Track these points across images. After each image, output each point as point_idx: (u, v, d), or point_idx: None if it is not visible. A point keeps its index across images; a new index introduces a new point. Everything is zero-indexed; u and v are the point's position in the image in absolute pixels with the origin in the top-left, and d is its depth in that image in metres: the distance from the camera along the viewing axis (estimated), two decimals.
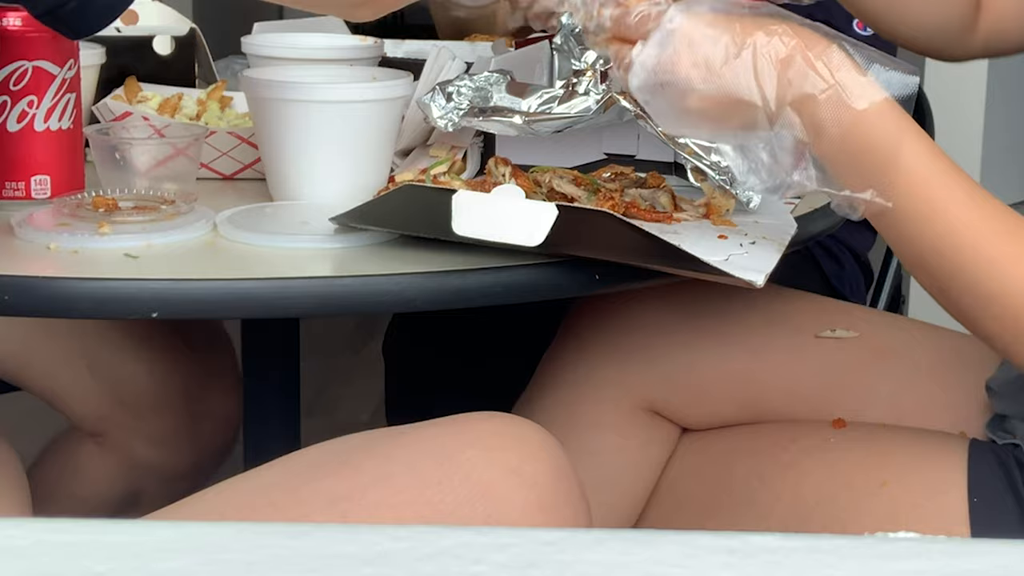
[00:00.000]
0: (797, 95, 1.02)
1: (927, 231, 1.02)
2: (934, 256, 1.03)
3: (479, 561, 0.51)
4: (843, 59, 1.02)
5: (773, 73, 1.02)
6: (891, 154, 1.01)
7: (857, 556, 0.53)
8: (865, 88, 1.01)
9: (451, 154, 1.35)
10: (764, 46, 1.02)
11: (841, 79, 1.01)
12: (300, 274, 1.11)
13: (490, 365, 1.87)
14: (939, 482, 1.19)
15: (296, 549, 0.52)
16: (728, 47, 1.03)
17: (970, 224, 1.02)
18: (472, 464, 0.97)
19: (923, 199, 1.02)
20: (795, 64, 1.02)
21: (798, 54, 1.02)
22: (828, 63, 1.02)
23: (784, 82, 1.02)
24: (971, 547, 0.54)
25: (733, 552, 0.52)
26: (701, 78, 1.04)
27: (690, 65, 1.04)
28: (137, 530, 0.54)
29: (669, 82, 1.05)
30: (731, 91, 1.03)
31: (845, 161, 1.03)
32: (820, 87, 1.01)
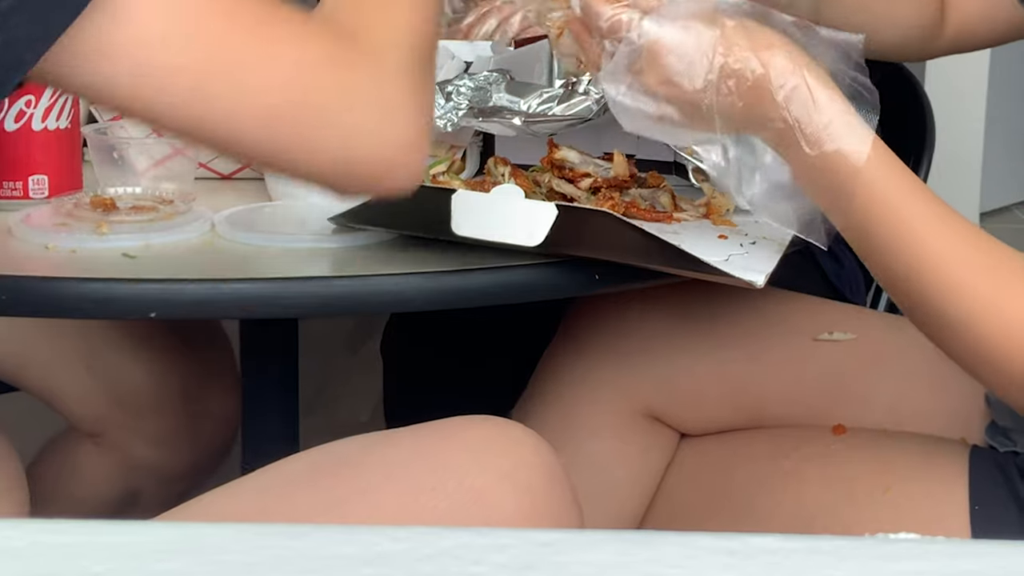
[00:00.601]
0: (755, 131, 1.04)
1: (891, 258, 1.04)
2: (900, 281, 1.05)
3: (478, 562, 0.52)
4: (805, 93, 1.02)
5: (736, 105, 1.02)
6: (844, 191, 1.02)
7: (857, 557, 0.53)
8: (820, 132, 1.01)
9: (450, 154, 1.35)
10: (730, 74, 1.02)
11: (799, 119, 1.02)
12: (299, 274, 1.11)
13: (489, 365, 1.87)
14: (940, 490, 1.19)
15: (296, 550, 0.52)
16: (695, 67, 1.03)
17: (937, 251, 1.03)
18: (465, 470, 0.96)
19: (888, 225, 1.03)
20: (759, 102, 1.02)
21: (763, 87, 1.02)
22: (789, 100, 1.02)
23: (744, 118, 1.03)
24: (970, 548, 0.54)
25: (733, 553, 0.52)
26: (666, 96, 1.04)
27: (656, 82, 1.04)
28: (135, 531, 0.54)
29: (634, 88, 1.05)
30: (692, 113, 1.04)
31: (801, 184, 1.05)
32: (778, 127, 1.02)
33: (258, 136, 0.90)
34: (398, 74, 0.93)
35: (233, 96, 0.88)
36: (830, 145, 1.01)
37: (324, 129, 0.91)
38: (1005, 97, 3.73)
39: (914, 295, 1.05)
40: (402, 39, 0.95)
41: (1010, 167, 3.89)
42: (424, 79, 0.96)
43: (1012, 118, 3.83)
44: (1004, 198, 3.98)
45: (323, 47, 0.91)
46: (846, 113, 1.02)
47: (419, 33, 0.96)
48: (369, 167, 0.93)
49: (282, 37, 0.90)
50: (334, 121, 0.91)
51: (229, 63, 0.88)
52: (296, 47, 0.90)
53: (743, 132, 1.04)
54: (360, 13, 0.95)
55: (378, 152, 0.92)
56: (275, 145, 0.91)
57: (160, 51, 0.85)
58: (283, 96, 0.89)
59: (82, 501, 1.58)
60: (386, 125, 0.92)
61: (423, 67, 0.96)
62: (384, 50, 0.94)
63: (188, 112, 0.88)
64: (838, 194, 1.02)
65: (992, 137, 3.67)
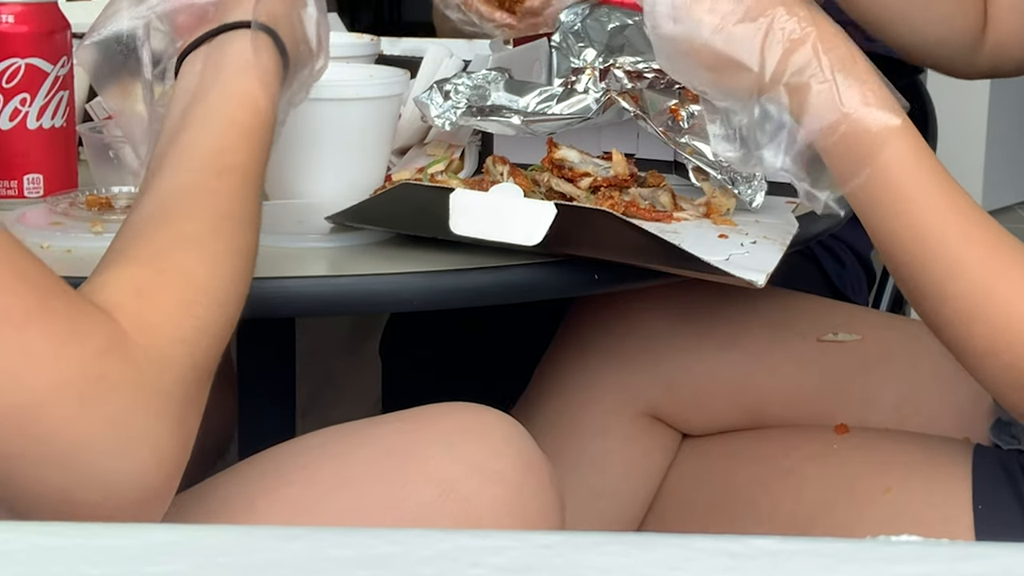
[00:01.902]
0: (794, 78, 1.04)
1: (897, 228, 1.03)
2: (902, 252, 1.04)
3: (477, 564, 0.51)
4: (851, 62, 1.04)
5: (779, 49, 1.04)
6: (867, 155, 1.02)
7: (858, 559, 0.52)
8: (856, 95, 1.03)
9: (448, 152, 1.34)
10: (781, 21, 1.05)
11: (839, 79, 1.03)
12: (296, 273, 1.10)
13: (488, 365, 1.87)
14: (943, 489, 1.19)
15: (291, 552, 0.52)
16: (748, 7, 1.05)
17: (942, 226, 1.02)
18: (435, 462, 0.96)
19: (898, 198, 1.03)
20: (803, 49, 1.04)
21: (809, 41, 1.04)
22: (833, 59, 1.03)
23: (787, 62, 1.04)
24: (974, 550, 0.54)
25: (733, 555, 0.52)
26: (712, 26, 1.06)
27: (706, 10, 1.06)
28: (130, 533, 0.53)
29: (681, 18, 1.07)
30: (735, 50, 1.06)
31: (822, 152, 1.05)
32: (819, 79, 1.03)
33: None
34: (169, 406, 0.81)
35: None
36: (869, 104, 1.03)
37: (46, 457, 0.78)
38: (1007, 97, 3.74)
39: (913, 266, 1.04)
40: (193, 347, 0.84)
41: (1012, 167, 3.89)
42: (200, 406, 0.85)
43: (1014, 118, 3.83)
44: (1006, 198, 3.98)
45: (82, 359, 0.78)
46: (884, 85, 1.05)
47: (216, 338, 0.86)
48: (89, 509, 0.80)
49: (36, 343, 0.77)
50: (61, 451, 0.78)
51: None
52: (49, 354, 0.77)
53: (777, 82, 1.05)
54: (155, 306, 0.83)
55: (106, 498, 0.79)
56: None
57: None
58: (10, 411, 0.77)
59: None
60: (126, 471, 0.79)
61: (205, 388, 0.86)
62: (168, 372, 0.82)
63: None
64: (858, 159, 1.03)
65: (994, 137, 3.67)
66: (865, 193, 1.04)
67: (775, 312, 1.37)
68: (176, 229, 0.88)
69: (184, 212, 0.90)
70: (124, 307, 0.82)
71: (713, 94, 1.10)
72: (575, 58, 1.34)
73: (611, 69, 1.31)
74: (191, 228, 0.89)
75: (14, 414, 0.77)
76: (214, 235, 0.89)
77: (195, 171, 0.93)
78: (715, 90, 1.10)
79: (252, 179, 0.94)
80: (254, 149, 0.96)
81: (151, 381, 0.80)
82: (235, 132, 0.95)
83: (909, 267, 1.04)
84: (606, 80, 1.30)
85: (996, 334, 1.02)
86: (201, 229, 0.89)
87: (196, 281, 0.86)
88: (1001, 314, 1.02)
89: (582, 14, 1.37)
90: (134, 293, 0.83)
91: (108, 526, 0.54)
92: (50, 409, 0.77)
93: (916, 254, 1.03)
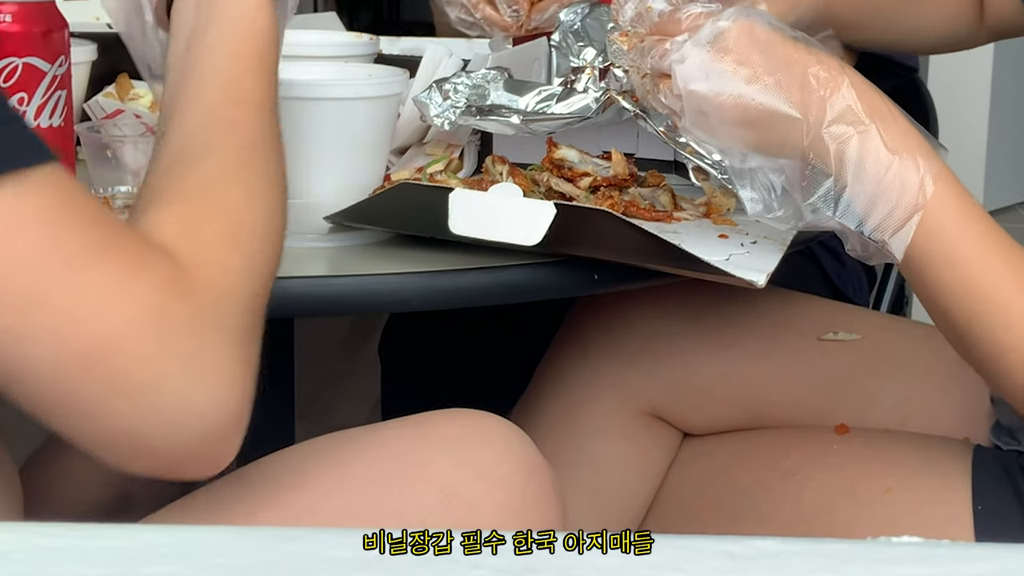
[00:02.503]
0: (835, 123, 1.02)
1: (946, 275, 1.02)
2: (952, 301, 1.02)
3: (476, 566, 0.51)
4: (885, 108, 1.03)
5: (816, 97, 1.02)
6: (911, 200, 1.01)
7: (859, 560, 0.53)
8: (900, 137, 1.02)
9: (448, 152, 1.34)
10: (816, 67, 1.02)
11: (879, 124, 1.02)
12: (295, 273, 1.10)
13: (489, 366, 1.87)
14: (943, 489, 1.19)
15: (289, 553, 0.52)
16: (780, 57, 1.03)
17: (992, 270, 1.01)
18: (437, 467, 0.95)
19: (946, 243, 1.01)
20: (838, 96, 1.02)
21: (843, 88, 1.02)
22: (870, 106, 1.02)
23: (825, 108, 1.02)
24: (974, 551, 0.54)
25: (733, 556, 0.52)
26: (746, 77, 1.03)
27: (737, 62, 1.03)
28: (129, 534, 0.53)
29: (712, 73, 1.04)
30: (774, 100, 1.02)
31: (867, 199, 1.02)
32: (859, 124, 1.01)
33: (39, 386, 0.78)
34: (230, 338, 0.81)
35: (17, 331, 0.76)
36: (911, 146, 1.01)
37: (120, 395, 0.77)
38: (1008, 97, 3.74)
39: (963, 316, 1.02)
40: (245, 279, 0.84)
41: (1013, 167, 3.89)
42: (258, 343, 0.84)
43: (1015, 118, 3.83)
44: (1007, 198, 3.98)
45: (148, 295, 0.77)
46: (919, 129, 1.04)
47: (263, 273, 0.85)
48: (165, 452, 0.79)
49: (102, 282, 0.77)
50: (135, 390, 0.77)
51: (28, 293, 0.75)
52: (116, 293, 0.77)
53: (819, 127, 1.02)
54: (203, 241, 0.83)
55: (182, 437, 0.79)
56: (57, 400, 0.78)
57: None
58: (83, 350, 0.76)
59: (74, 504, 1.57)
60: (200, 408, 0.79)
61: (260, 324, 0.85)
62: (225, 306, 0.81)
63: None
64: (908, 198, 1.01)
65: (995, 137, 3.67)
66: (913, 245, 1.01)
67: (776, 311, 1.37)
68: (205, 167, 0.88)
69: (209, 149, 0.89)
70: (174, 245, 0.81)
71: (746, 150, 1.06)
72: (575, 57, 1.34)
73: (611, 68, 1.31)
74: (219, 164, 0.88)
75: (85, 353, 0.76)
76: (243, 168, 0.89)
77: (212, 107, 0.92)
78: (751, 146, 1.06)
79: (269, 106, 0.94)
80: (265, 73, 0.95)
81: (213, 315, 0.80)
82: (244, 61, 0.94)
83: (961, 316, 1.02)
84: (606, 79, 1.30)
85: None
86: (229, 164, 0.88)
87: (236, 215, 0.86)
88: None
89: (582, 13, 1.36)
90: (180, 231, 0.82)
91: (107, 527, 0.54)
92: (121, 347, 0.76)
93: (968, 304, 1.01)
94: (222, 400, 0.80)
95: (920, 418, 1.32)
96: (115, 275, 0.77)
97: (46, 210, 0.76)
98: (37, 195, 0.76)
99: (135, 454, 0.79)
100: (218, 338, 0.80)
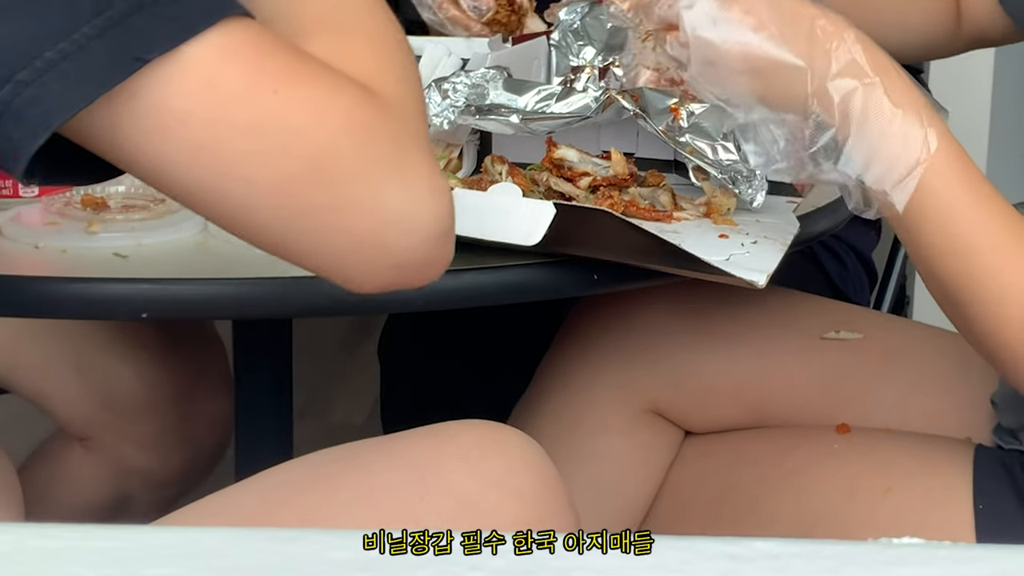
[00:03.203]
0: (840, 76, 1.03)
1: (941, 233, 1.03)
2: (945, 259, 1.03)
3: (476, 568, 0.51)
4: (890, 64, 1.04)
5: (826, 48, 1.03)
6: (915, 153, 1.02)
7: (859, 562, 0.52)
8: (903, 92, 1.03)
9: (447, 152, 1.33)
10: (823, 21, 1.04)
11: (883, 78, 1.03)
12: (292, 274, 1.09)
13: (488, 366, 1.86)
14: (944, 489, 1.19)
15: (290, 554, 0.52)
16: (786, 9, 1.04)
17: (988, 232, 1.02)
18: (454, 478, 0.96)
19: (944, 202, 1.02)
20: (843, 48, 1.03)
21: (849, 41, 1.03)
22: (875, 61, 1.03)
23: (830, 60, 1.03)
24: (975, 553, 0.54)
25: (733, 558, 0.52)
26: (753, 26, 1.04)
27: (743, 11, 1.04)
28: (127, 535, 0.53)
29: (720, 21, 1.05)
30: (778, 50, 1.04)
31: (869, 151, 1.03)
32: (864, 77, 1.02)
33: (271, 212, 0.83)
34: (422, 143, 0.86)
35: (251, 157, 0.81)
36: (915, 100, 1.03)
37: (347, 205, 0.82)
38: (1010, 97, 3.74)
39: (955, 275, 1.04)
40: (412, 90, 0.88)
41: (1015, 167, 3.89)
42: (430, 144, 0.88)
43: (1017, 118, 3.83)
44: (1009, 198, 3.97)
45: (350, 107, 0.83)
46: (920, 88, 1.05)
47: (420, 92, 0.89)
48: (399, 256, 0.84)
49: (310, 96, 0.82)
50: (361, 197, 0.82)
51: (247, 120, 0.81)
52: (323, 106, 0.82)
53: (824, 79, 1.03)
54: (363, 60, 0.87)
55: (413, 239, 0.84)
56: (290, 223, 0.83)
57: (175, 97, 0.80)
58: (306, 164, 0.82)
59: (73, 505, 1.57)
60: (420, 208, 0.84)
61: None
62: (406, 112, 0.86)
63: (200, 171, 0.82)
64: (909, 153, 1.02)
65: (997, 138, 3.67)
66: (913, 200, 1.02)
67: (778, 310, 1.37)
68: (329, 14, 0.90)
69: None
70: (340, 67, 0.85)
71: (750, 101, 1.07)
72: (574, 56, 1.34)
73: (610, 67, 1.30)
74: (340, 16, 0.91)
75: (309, 165, 0.81)
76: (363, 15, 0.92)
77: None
78: (755, 96, 1.06)
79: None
80: None
81: (403, 124, 0.85)
82: None
83: (951, 275, 1.03)
84: (605, 78, 1.30)
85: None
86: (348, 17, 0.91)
87: (379, 39, 0.89)
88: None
89: (581, 12, 1.36)
90: (338, 56, 0.86)
91: (104, 528, 0.54)
92: (338, 156, 0.82)
93: (959, 264, 1.03)
94: (435, 200, 0.84)
95: (922, 418, 1.32)
96: (317, 92, 0.82)
97: (245, 44, 0.81)
98: (236, 34, 0.81)
99: (372, 266, 0.84)
100: (414, 145, 0.85)
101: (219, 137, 0.81)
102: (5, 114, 0.78)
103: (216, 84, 0.80)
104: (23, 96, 0.78)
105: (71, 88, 0.78)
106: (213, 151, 0.81)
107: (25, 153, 0.79)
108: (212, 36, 0.80)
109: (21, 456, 1.63)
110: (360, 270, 0.85)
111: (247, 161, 0.81)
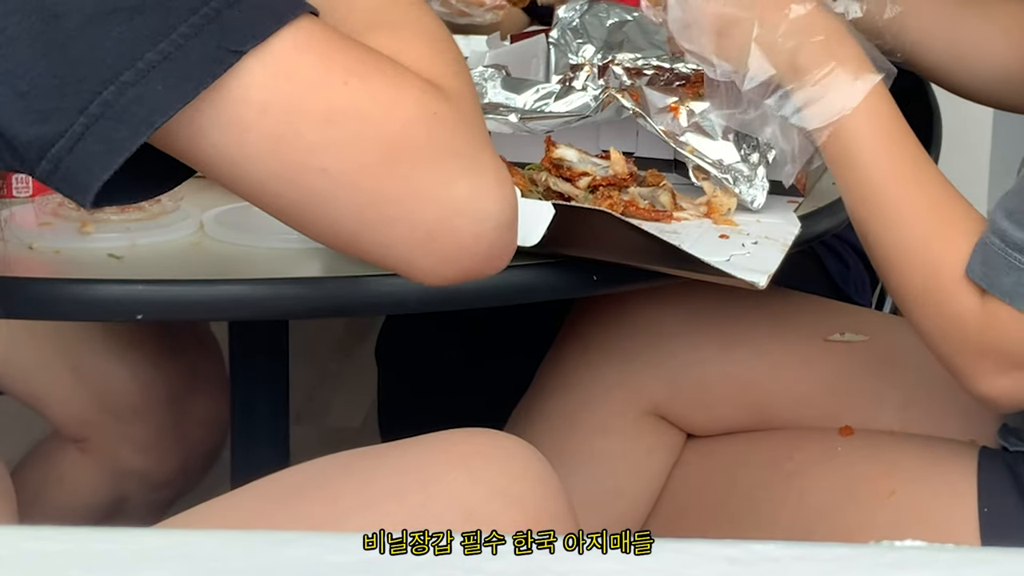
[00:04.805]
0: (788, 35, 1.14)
1: (855, 178, 1.13)
2: (859, 206, 1.14)
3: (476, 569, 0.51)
4: (840, 29, 1.15)
5: (784, 13, 1.13)
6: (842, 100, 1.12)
7: (860, 565, 0.52)
8: (846, 49, 1.14)
9: None
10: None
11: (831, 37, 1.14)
12: (289, 275, 1.09)
13: (487, 368, 1.86)
14: (948, 491, 1.19)
15: (285, 557, 0.51)
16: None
17: (897, 182, 1.12)
18: (456, 486, 0.95)
19: (863, 147, 1.12)
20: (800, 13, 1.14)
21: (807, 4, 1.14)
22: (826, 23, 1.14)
23: (781, 15, 1.13)
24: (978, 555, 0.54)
25: (733, 561, 0.52)
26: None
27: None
28: (122, 538, 0.53)
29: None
30: (734, 6, 1.14)
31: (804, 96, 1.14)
32: (812, 35, 1.13)
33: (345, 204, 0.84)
34: (484, 134, 0.87)
35: (327, 147, 0.83)
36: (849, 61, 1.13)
37: (419, 193, 0.84)
38: None
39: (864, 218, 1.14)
40: (472, 89, 0.89)
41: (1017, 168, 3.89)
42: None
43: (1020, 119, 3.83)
44: None
45: (418, 98, 0.84)
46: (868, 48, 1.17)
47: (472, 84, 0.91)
48: (470, 246, 0.85)
49: (379, 88, 0.84)
50: (432, 185, 0.84)
51: (322, 110, 0.83)
52: (393, 97, 0.84)
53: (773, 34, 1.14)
54: (421, 56, 0.88)
55: (479, 227, 0.85)
56: (362, 215, 0.84)
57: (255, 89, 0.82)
58: (378, 154, 0.83)
59: (68, 508, 1.57)
60: (488, 196, 0.85)
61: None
62: (467, 104, 0.88)
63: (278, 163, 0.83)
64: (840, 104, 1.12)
65: (999, 138, 3.67)
66: (834, 142, 1.13)
67: (781, 311, 1.37)
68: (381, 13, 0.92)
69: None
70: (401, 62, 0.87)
71: (717, 59, 1.17)
72: (573, 54, 1.33)
73: (610, 66, 1.30)
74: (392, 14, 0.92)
75: (383, 156, 0.83)
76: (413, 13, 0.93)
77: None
78: (719, 54, 1.16)
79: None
80: None
81: (466, 115, 0.86)
82: None
83: (865, 224, 1.14)
84: (605, 77, 1.29)
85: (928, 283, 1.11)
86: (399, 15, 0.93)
87: (430, 35, 0.91)
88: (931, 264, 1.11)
89: (581, 10, 1.35)
90: (396, 53, 0.87)
91: (100, 531, 0.53)
92: (408, 146, 0.84)
93: (870, 210, 1.13)
94: (500, 189, 0.86)
95: (926, 420, 1.32)
96: (385, 84, 0.84)
97: (315, 37, 0.83)
98: (307, 31, 0.83)
99: (442, 256, 0.86)
100: (478, 135, 0.87)
101: (297, 128, 0.82)
102: (106, 115, 0.79)
103: (291, 75, 0.82)
104: (127, 96, 0.79)
105: (174, 86, 0.80)
106: (292, 142, 0.82)
107: (115, 160, 0.80)
108: (288, 30, 0.82)
109: (16, 458, 1.62)
110: (430, 260, 0.86)
111: (323, 151, 0.83)
